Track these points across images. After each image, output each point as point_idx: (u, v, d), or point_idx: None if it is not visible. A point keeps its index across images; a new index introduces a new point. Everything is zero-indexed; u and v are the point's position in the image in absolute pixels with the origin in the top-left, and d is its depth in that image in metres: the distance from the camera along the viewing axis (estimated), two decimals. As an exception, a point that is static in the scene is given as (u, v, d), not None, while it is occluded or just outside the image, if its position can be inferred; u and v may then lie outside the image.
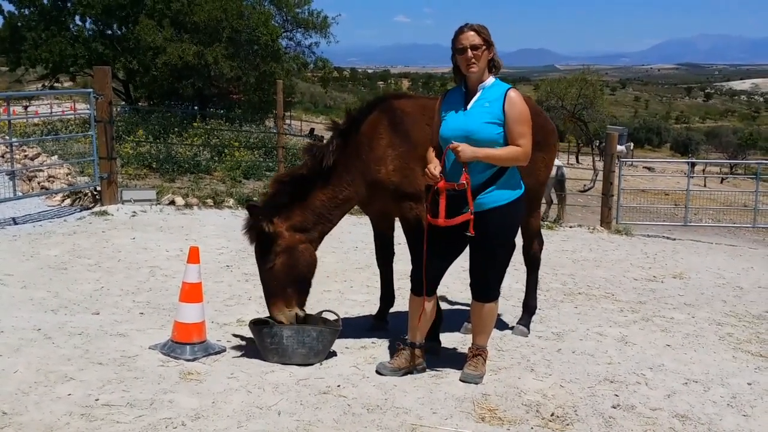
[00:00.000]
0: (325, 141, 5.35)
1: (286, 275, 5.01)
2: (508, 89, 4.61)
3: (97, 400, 4.23)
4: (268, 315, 5.14)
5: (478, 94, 4.62)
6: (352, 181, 5.13)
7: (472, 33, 4.56)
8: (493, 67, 4.67)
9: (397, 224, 5.58)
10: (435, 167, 4.58)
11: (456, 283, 7.08)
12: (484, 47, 4.56)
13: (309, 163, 5.10)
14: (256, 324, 5.10)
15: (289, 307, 5.06)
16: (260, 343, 5.07)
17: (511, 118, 4.53)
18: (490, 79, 4.66)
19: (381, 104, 5.30)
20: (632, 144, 54.31)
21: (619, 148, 18.57)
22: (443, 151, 4.68)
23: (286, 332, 4.98)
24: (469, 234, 4.50)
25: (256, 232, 4.95)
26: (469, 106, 4.61)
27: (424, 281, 4.71)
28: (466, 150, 4.45)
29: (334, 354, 5.21)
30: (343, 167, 5.10)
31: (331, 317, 5.33)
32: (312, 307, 6.13)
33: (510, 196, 4.63)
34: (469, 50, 4.54)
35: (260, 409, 4.24)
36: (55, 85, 31.98)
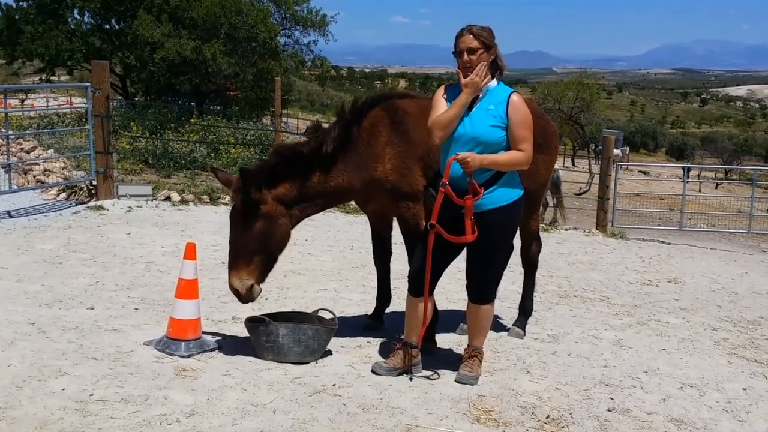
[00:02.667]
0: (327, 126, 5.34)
1: (258, 242, 4.94)
2: (511, 93, 4.61)
3: (91, 395, 4.21)
4: (265, 313, 5.13)
5: (482, 97, 4.61)
6: (346, 172, 5.11)
7: (470, 37, 4.54)
8: (496, 69, 4.66)
9: (395, 224, 5.57)
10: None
11: (452, 283, 7.07)
12: (481, 50, 4.54)
13: (311, 144, 5.08)
14: (251, 321, 5.08)
15: (249, 277, 4.97)
16: (256, 340, 5.05)
17: (515, 122, 4.53)
18: (493, 82, 4.66)
19: (384, 102, 5.29)
20: (628, 148, 54.33)
21: (616, 151, 18.59)
22: (442, 151, 4.69)
23: (282, 330, 4.96)
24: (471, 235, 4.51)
25: (242, 194, 4.89)
26: (473, 108, 4.60)
27: (427, 281, 4.69)
28: (475, 159, 4.42)
29: (329, 353, 5.20)
30: (339, 156, 5.09)
31: (327, 316, 5.32)
32: (307, 305, 6.15)
33: (510, 197, 4.62)
34: (465, 54, 4.53)
35: (255, 406, 4.23)
36: (51, 78, 31.85)
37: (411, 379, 4.83)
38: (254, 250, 4.95)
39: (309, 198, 5.10)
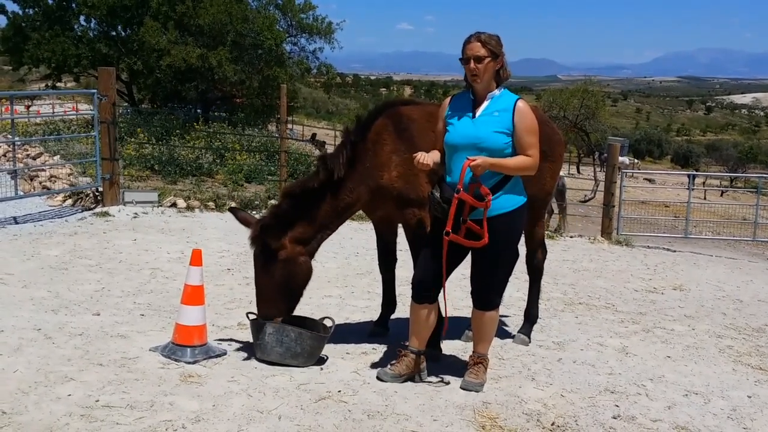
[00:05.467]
0: (326, 146, 5.36)
1: (281, 285, 5.04)
2: (517, 100, 4.62)
3: (97, 401, 4.22)
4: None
5: (486, 103, 4.62)
6: (354, 189, 5.13)
7: (477, 44, 4.55)
8: (499, 77, 4.67)
9: (400, 230, 5.58)
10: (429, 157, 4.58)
11: (456, 290, 7.07)
12: (488, 59, 4.55)
13: (321, 176, 5.10)
14: (253, 319, 5.14)
15: (276, 315, 5.09)
16: (252, 337, 5.13)
17: (521, 128, 4.54)
18: (499, 89, 4.67)
19: (387, 110, 5.30)
20: (638, 161, 54.00)
21: (621, 159, 18.58)
22: (447, 157, 4.69)
23: (269, 329, 5.02)
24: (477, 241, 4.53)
25: (260, 244, 4.98)
26: (477, 114, 4.61)
27: (444, 288, 4.70)
28: (484, 163, 4.44)
29: (322, 360, 5.18)
30: (347, 176, 5.10)
31: (327, 323, 5.33)
32: (312, 312, 6.15)
33: (515, 202, 4.64)
34: (472, 61, 4.54)
35: (261, 413, 4.24)
36: (57, 85, 31.99)
37: (414, 386, 4.84)
38: (279, 293, 5.05)
39: (324, 227, 5.16)
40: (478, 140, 4.53)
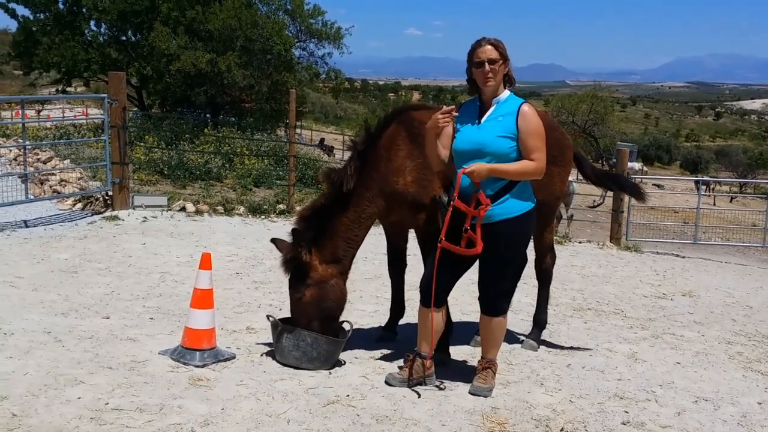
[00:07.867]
0: (334, 151, 5.37)
1: (314, 308, 5.05)
2: (522, 104, 4.62)
3: (106, 404, 4.23)
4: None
5: (492, 108, 4.63)
6: (373, 197, 5.13)
7: (489, 47, 4.57)
8: (508, 81, 4.69)
9: (411, 235, 5.58)
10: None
11: (465, 295, 7.07)
12: (500, 61, 4.58)
13: (328, 191, 5.12)
14: (272, 322, 5.16)
15: None
16: (272, 340, 5.17)
17: (525, 132, 4.54)
18: (505, 93, 4.68)
19: (399, 116, 5.31)
20: (645, 168, 53.80)
21: (630, 164, 18.54)
22: (455, 164, 4.69)
23: (286, 333, 5.05)
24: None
25: (293, 263, 4.98)
26: (483, 120, 4.62)
27: (433, 294, 4.70)
28: (481, 171, 4.44)
29: (340, 364, 5.20)
30: (362, 186, 5.10)
31: (345, 326, 5.33)
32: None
33: (522, 208, 4.62)
34: (486, 64, 4.55)
35: (269, 416, 4.24)
36: (68, 89, 32.11)
37: (422, 391, 4.83)
38: (312, 316, 5.07)
39: (351, 240, 5.16)
40: (482, 145, 4.53)
